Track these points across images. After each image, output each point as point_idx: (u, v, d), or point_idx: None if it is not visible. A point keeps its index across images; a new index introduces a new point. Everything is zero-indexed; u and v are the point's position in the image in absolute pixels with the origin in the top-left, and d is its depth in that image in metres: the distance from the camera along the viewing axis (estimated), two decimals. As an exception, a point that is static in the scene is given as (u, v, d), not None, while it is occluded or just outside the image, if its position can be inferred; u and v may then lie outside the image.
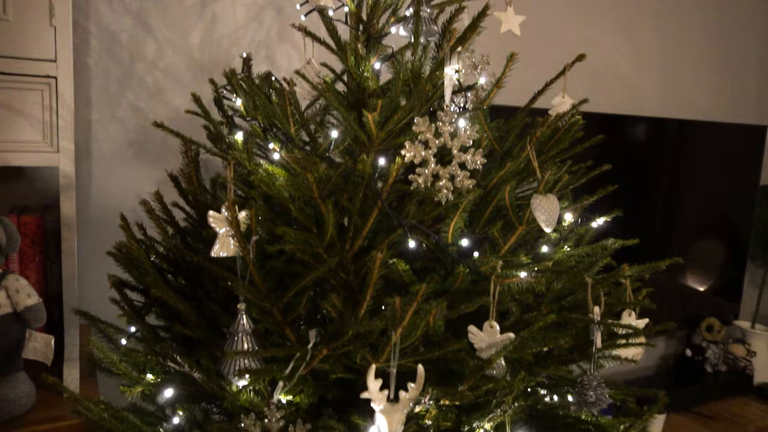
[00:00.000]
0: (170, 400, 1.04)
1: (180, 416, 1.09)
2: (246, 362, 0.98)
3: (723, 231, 2.82)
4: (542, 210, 1.10)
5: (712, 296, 2.82)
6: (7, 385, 1.11)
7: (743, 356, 2.73)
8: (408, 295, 0.86)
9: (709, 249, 2.80)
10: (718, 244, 2.83)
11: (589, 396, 1.05)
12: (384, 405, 0.91)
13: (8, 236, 1.11)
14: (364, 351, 0.98)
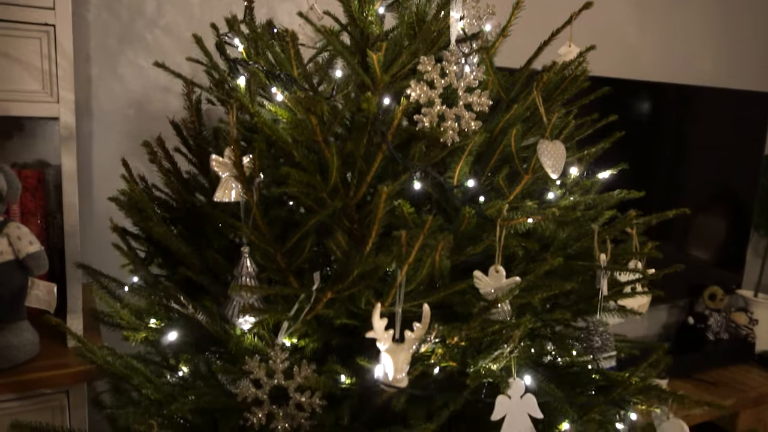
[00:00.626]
0: (174, 346, 1.04)
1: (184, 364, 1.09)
2: (250, 303, 0.98)
3: (726, 201, 2.81)
4: (549, 155, 1.09)
5: (715, 266, 2.81)
6: (10, 333, 1.11)
7: (745, 324, 2.73)
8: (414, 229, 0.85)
9: (712, 219, 2.79)
10: (721, 214, 2.82)
11: (595, 341, 1.05)
12: (389, 345, 0.91)
13: (9, 184, 1.09)
14: (369, 294, 0.98)
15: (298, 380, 0.93)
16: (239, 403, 0.94)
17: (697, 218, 2.70)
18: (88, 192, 1.61)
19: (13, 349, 1.10)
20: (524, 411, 0.95)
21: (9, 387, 1.08)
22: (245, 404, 0.94)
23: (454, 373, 1.00)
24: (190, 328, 1.06)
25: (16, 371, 1.10)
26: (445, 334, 0.88)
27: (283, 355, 0.94)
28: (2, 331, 1.10)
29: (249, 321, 0.98)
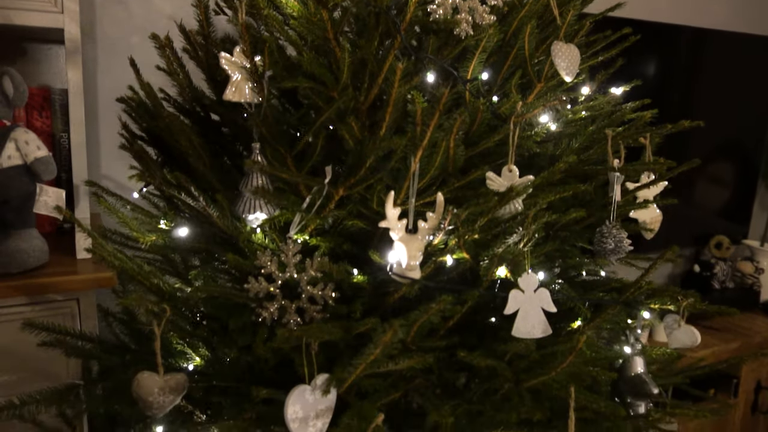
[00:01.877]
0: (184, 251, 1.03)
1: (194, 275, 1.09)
2: (261, 201, 0.97)
3: (734, 152, 2.78)
4: (563, 57, 1.07)
5: (721, 217, 2.80)
6: (19, 238, 1.10)
7: (751, 273, 2.72)
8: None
9: (719, 170, 2.77)
10: (728, 165, 2.79)
11: (608, 243, 1.04)
12: (402, 234, 0.90)
13: (15, 87, 1.08)
14: (382, 190, 0.97)
15: (311, 273, 0.93)
16: (251, 299, 0.94)
17: (704, 169, 2.68)
18: (93, 117, 1.60)
19: (23, 254, 1.09)
20: (537, 305, 0.94)
21: (20, 290, 1.07)
22: (257, 300, 0.94)
23: (467, 272, 1.00)
24: (202, 233, 1.05)
25: (27, 276, 1.10)
26: (458, 221, 0.87)
27: (295, 249, 0.94)
28: (12, 237, 1.10)
29: (259, 218, 0.98)
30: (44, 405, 0.96)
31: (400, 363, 0.80)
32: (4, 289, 1.06)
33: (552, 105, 0.93)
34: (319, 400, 0.81)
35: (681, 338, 1.13)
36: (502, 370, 0.87)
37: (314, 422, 0.81)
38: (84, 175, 1.25)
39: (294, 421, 0.79)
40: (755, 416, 2.55)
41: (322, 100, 0.99)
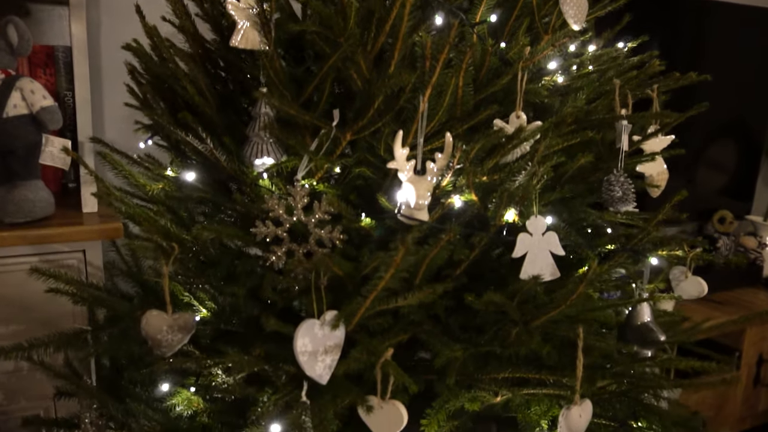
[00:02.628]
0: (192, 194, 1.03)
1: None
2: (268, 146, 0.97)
3: (738, 128, 2.78)
4: (571, 4, 1.06)
5: (725, 194, 2.80)
6: (25, 188, 1.10)
7: (754, 248, 2.72)
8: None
9: (723, 146, 2.76)
10: (732, 141, 2.79)
11: (616, 191, 1.04)
12: (410, 175, 0.90)
13: (19, 35, 1.07)
14: (389, 138, 0.96)
15: (319, 215, 0.92)
16: (258, 243, 0.94)
17: (707, 145, 2.67)
18: (96, 79, 1.59)
19: (28, 203, 1.09)
20: (545, 248, 0.94)
21: (27, 239, 1.07)
22: (264, 244, 0.94)
23: (474, 220, 0.99)
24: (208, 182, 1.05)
25: (33, 226, 1.10)
26: (466, 160, 0.86)
27: (303, 192, 0.93)
28: (18, 187, 1.10)
29: (267, 163, 0.97)
30: (52, 348, 0.96)
31: (408, 298, 0.80)
32: (10, 237, 1.06)
33: (560, 44, 0.93)
34: (327, 336, 0.81)
35: (688, 289, 1.13)
36: (509, 310, 0.87)
37: (323, 357, 0.81)
38: (89, 132, 1.25)
39: (303, 354, 0.79)
40: (757, 389, 2.55)
41: (329, 46, 0.98)
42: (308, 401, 0.83)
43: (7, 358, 0.91)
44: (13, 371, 1.14)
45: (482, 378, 0.92)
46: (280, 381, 0.87)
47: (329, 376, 0.83)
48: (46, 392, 1.16)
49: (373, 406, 0.82)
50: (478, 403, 0.93)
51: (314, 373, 0.81)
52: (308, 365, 0.80)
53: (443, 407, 0.91)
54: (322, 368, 0.81)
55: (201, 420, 1.08)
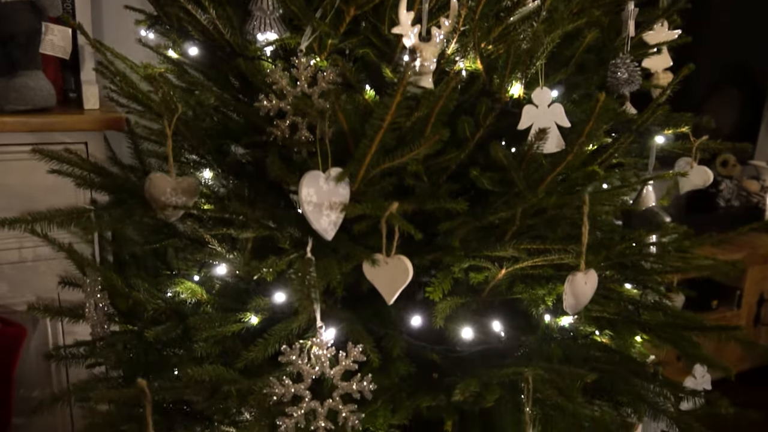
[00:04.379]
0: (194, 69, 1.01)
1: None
2: (271, 21, 0.95)
3: (741, 75, 2.75)
4: None
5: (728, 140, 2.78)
6: (26, 77, 1.09)
7: (757, 191, 2.72)
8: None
9: (726, 93, 2.74)
10: (736, 87, 2.77)
11: (622, 73, 1.03)
12: (416, 40, 0.89)
13: None
14: (393, 13, 0.95)
15: (323, 86, 0.91)
16: (261, 117, 0.93)
17: (711, 91, 2.65)
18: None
19: (30, 91, 1.08)
20: (551, 120, 0.93)
21: (28, 126, 1.07)
22: (268, 119, 0.93)
23: (479, 94, 0.98)
24: (210, 62, 1.04)
25: (35, 114, 1.09)
26: (472, 18, 0.85)
27: (307, 62, 0.92)
28: (19, 76, 1.09)
29: (269, 38, 0.96)
30: (55, 224, 0.96)
31: (415, 149, 0.79)
32: (12, 123, 1.06)
33: None
34: (332, 191, 0.81)
35: (693, 180, 1.13)
36: (513, 171, 0.86)
37: (328, 212, 0.81)
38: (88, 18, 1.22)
39: (308, 204, 0.79)
40: (757, 328, 2.57)
41: None
42: (313, 258, 0.83)
43: (10, 228, 0.90)
44: (17, 262, 1.14)
45: (487, 251, 0.92)
46: (285, 243, 0.87)
47: (334, 233, 0.82)
48: (50, 285, 1.17)
49: (378, 261, 0.82)
50: (483, 274, 0.93)
51: (319, 226, 0.81)
52: (313, 216, 0.80)
53: (448, 277, 0.91)
54: (327, 223, 0.81)
55: (205, 309, 1.08)
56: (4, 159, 1.09)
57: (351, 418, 0.84)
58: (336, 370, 0.84)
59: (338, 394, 0.84)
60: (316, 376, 0.84)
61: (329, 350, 0.84)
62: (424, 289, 0.90)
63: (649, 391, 0.93)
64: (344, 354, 0.84)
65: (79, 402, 0.91)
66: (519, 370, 0.87)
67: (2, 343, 1.07)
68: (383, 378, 0.91)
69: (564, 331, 1.08)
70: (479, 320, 1.00)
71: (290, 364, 0.83)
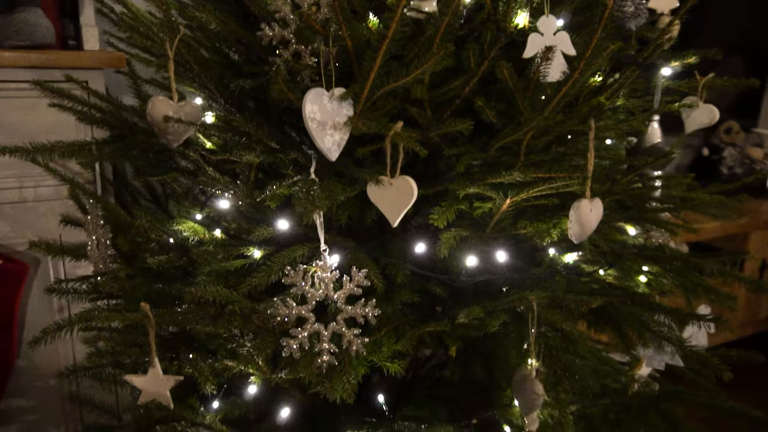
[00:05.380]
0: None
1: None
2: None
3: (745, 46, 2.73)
4: None
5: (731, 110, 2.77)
6: (26, 12, 1.08)
7: (760, 159, 2.70)
8: None
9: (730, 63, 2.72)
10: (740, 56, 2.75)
11: (628, 6, 1.01)
12: (420, -37, 0.87)
13: None
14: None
15: (325, 12, 0.90)
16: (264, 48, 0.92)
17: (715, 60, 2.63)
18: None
19: (29, 26, 1.07)
20: (557, 48, 0.92)
21: (28, 61, 1.06)
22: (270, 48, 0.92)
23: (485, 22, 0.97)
24: None
25: (35, 50, 1.07)
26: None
27: (310, -11, 0.91)
28: (19, 12, 1.07)
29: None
30: (57, 155, 0.95)
31: (420, 66, 0.78)
32: (11, 58, 1.04)
33: None
34: (336, 111, 0.80)
35: (698, 118, 1.12)
36: (520, 100, 0.86)
37: (332, 132, 0.80)
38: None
39: (312, 121, 0.78)
40: (759, 296, 2.56)
41: None
42: (317, 178, 0.82)
43: (9, 156, 0.90)
44: (18, 202, 1.14)
45: (492, 178, 0.91)
46: (288, 169, 0.87)
47: (338, 154, 0.81)
48: (51, 226, 1.16)
49: (383, 182, 0.81)
50: (487, 204, 0.92)
51: (323, 146, 0.80)
52: (317, 134, 0.79)
53: (453, 206, 0.90)
54: (330, 143, 0.80)
55: (207, 248, 1.08)
56: (4, 96, 1.08)
57: (355, 342, 0.84)
58: (340, 293, 0.84)
59: (342, 318, 0.84)
60: (320, 299, 0.83)
61: (333, 274, 0.84)
62: (429, 217, 0.90)
63: (654, 321, 0.93)
64: (348, 278, 0.84)
65: (83, 331, 0.90)
66: (523, 295, 0.86)
67: (4, 279, 1.06)
68: (387, 306, 0.91)
69: (568, 268, 1.07)
70: (483, 254, 1.00)
71: (294, 286, 0.83)
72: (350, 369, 0.83)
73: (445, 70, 0.94)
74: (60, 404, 1.25)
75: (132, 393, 1.23)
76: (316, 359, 0.82)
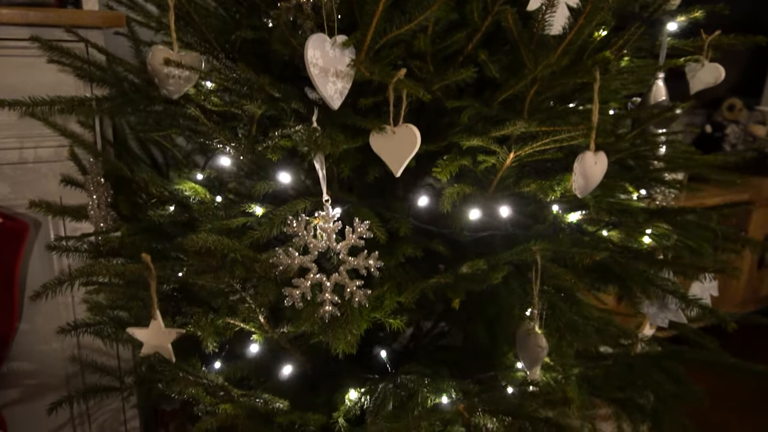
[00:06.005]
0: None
1: None
2: None
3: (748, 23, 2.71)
4: None
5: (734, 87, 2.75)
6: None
7: (763, 137, 2.69)
8: None
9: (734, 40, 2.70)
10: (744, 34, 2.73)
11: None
12: None
13: None
14: None
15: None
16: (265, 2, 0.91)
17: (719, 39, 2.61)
18: None
19: (27, -18, 1.06)
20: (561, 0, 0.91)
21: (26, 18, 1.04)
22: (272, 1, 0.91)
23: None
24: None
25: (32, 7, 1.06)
26: None
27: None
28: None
29: None
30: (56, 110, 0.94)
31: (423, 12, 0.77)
32: (10, 15, 1.04)
33: None
34: (338, 59, 0.79)
35: (704, 78, 1.11)
36: (524, 50, 0.85)
37: (334, 80, 0.79)
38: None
39: (314, 67, 0.77)
40: (761, 271, 2.56)
41: None
42: (319, 127, 0.81)
43: (9, 109, 0.89)
44: (18, 163, 1.13)
45: (496, 131, 0.90)
46: (290, 120, 0.86)
47: (340, 102, 0.81)
48: (52, 188, 1.15)
49: (385, 130, 0.80)
50: (492, 158, 0.91)
51: (326, 93, 0.79)
52: (320, 81, 0.78)
53: (456, 159, 0.90)
54: (333, 90, 0.79)
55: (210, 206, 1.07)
56: (2, 54, 1.07)
57: (358, 293, 0.83)
58: (342, 244, 0.83)
59: (345, 270, 0.83)
60: (322, 250, 0.83)
61: (335, 224, 0.83)
62: (432, 170, 0.89)
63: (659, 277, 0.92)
64: (351, 230, 0.83)
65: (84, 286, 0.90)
66: (527, 246, 0.86)
67: (4, 237, 1.06)
68: (390, 259, 0.90)
69: (572, 227, 1.07)
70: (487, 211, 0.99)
71: (296, 236, 0.82)
72: (353, 320, 0.83)
73: (449, 25, 0.94)
74: (63, 367, 1.25)
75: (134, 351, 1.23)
76: (318, 309, 0.82)
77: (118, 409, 1.33)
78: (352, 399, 0.96)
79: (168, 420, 1.36)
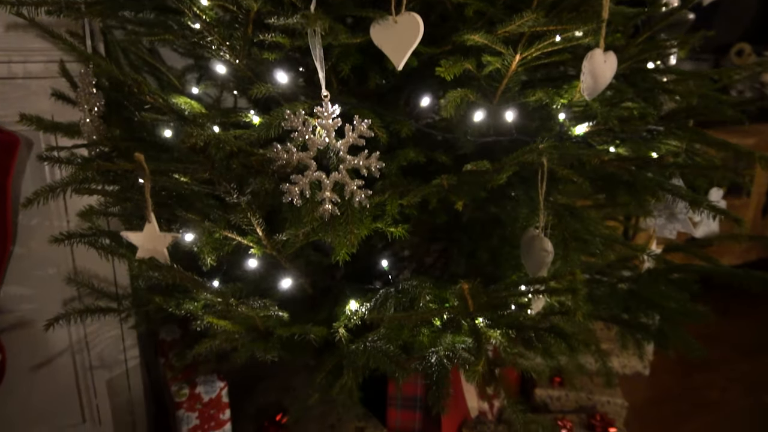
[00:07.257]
0: None
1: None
2: None
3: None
4: None
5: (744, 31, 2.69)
6: None
7: (771, 83, 2.64)
8: None
9: None
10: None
11: None
12: None
13: None
14: None
15: None
16: None
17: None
18: None
19: None
20: None
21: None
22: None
23: None
24: None
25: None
26: None
27: None
28: None
29: None
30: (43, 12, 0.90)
31: None
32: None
33: None
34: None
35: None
36: None
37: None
38: None
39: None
40: (765, 219, 2.54)
41: None
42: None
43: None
44: (7, 78, 1.09)
45: (502, 28, 0.86)
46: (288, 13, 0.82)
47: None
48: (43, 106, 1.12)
49: (387, 18, 0.77)
50: (497, 60, 0.88)
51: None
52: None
53: (460, 60, 0.86)
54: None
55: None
56: None
57: (359, 193, 0.80)
58: (342, 142, 0.80)
59: (345, 168, 0.80)
60: (322, 147, 0.80)
61: (335, 121, 0.80)
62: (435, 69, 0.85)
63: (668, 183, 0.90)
64: (351, 127, 0.80)
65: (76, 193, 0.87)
66: (534, 147, 0.83)
67: (-5, 149, 1.03)
68: (391, 163, 0.88)
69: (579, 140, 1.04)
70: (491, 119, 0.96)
71: (294, 132, 0.79)
72: (353, 220, 0.80)
73: None
74: (59, 291, 1.23)
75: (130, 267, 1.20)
76: (318, 208, 0.80)
77: (117, 336, 1.31)
78: (353, 309, 0.94)
79: (168, 349, 1.35)
